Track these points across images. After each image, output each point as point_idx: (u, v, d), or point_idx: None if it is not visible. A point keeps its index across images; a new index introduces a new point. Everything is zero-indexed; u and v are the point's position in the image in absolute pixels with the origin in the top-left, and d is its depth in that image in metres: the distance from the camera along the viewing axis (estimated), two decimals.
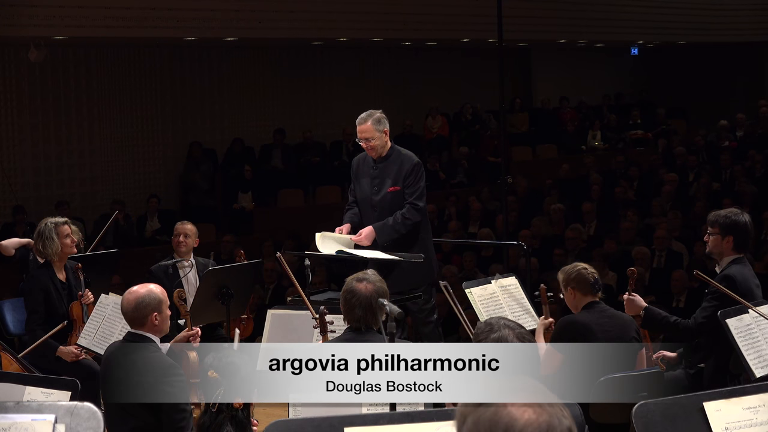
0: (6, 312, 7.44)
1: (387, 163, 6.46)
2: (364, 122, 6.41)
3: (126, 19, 11.52)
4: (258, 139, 15.21)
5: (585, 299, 5.37)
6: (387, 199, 6.46)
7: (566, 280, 5.39)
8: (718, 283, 5.39)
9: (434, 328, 6.50)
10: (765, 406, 3.06)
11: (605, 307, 5.41)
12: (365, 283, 4.50)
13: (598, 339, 5.19)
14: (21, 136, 13.09)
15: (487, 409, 2.01)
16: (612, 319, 5.34)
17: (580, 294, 5.36)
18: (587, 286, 5.35)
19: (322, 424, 2.89)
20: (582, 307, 5.37)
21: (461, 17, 14.39)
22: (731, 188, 13.23)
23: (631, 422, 2.98)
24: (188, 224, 7.38)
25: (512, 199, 13.05)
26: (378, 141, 6.39)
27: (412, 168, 6.40)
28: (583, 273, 5.36)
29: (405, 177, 6.39)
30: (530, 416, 1.98)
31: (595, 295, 5.39)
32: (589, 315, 5.31)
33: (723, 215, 5.56)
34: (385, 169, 6.47)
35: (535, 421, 1.98)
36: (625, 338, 5.29)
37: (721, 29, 18.59)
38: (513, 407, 2.00)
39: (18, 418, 2.89)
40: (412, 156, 6.49)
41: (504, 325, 3.46)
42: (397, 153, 6.48)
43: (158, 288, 4.74)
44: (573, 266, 5.47)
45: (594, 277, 5.37)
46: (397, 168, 6.43)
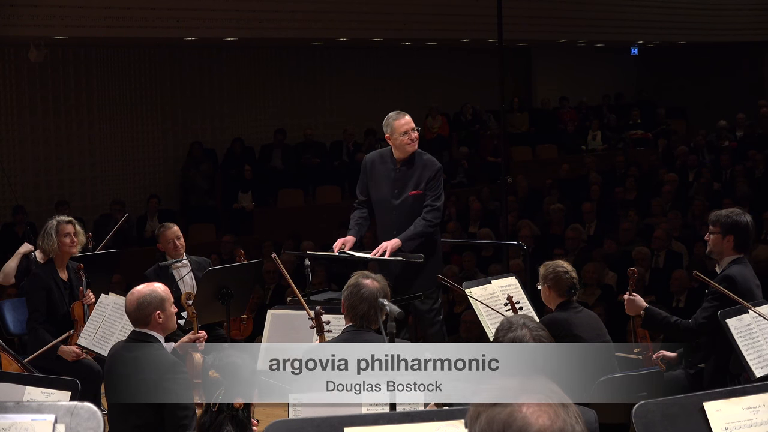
0: (6, 312, 7.44)
1: (410, 166, 6.45)
2: (405, 116, 6.47)
3: (126, 19, 11.52)
4: (258, 139, 15.21)
5: (559, 299, 5.49)
6: (408, 203, 6.44)
7: (545, 277, 5.51)
8: (719, 284, 5.40)
9: (440, 329, 6.52)
10: (765, 406, 3.06)
11: (578, 306, 5.53)
12: (372, 280, 4.60)
13: (579, 335, 5.31)
14: (21, 136, 13.09)
15: (503, 409, 1.99)
16: (584, 314, 5.50)
17: (554, 293, 5.48)
18: (563, 289, 5.46)
19: (322, 424, 2.89)
20: (556, 306, 5.50)
21: (461, 17, 14.39)
22: (731, 188, 13.23)
23: (631, 422, 2.98)
24: (174, 226, 7.30)
25: (512, 199, 13.05)
26: (416, 141, 6.49)
27: (435, 173, 6.41)
28: (561, 275, 5.46)
29: (428, 181, 6.40)
30: (544, 422, 1.97)
31: (569, 298, 5.48)
32: (566, 313, 5.44)
33: (724, 215, 5.56)
34: (407, 173, 6.45)
35: (549, 428, 1.96)
36: (599, 329, 5.44)
37: (721, 29, 18.59)
38: (529, 410, 1.98)
39: (18, 418, 2.89)
40: (434, 161, 6.51)
41: (523, 324, 3.48)
42: (419, 157, 6.49)
43: (161, 286, 4.75)
44: (555, 265, 5.54)
45: (572, 281, 5.46)
46: (420, 172, 6.43)
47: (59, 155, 13.43)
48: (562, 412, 2.00)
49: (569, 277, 5.44)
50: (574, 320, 5.39)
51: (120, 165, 13.99)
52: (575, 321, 5.39)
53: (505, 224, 9.61)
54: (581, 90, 19.47)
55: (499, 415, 1.99)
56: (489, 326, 5.61)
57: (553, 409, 1.99)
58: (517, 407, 1.98)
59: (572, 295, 5.48)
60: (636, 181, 14.24)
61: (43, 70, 12.92)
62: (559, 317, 5.44)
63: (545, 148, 17.57)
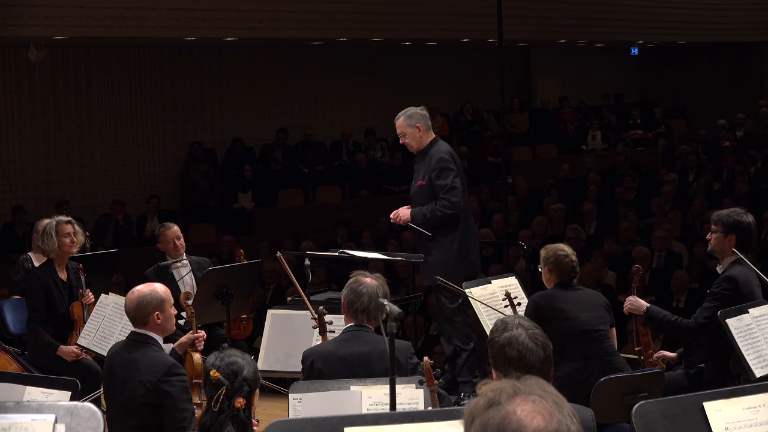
0: (6, 312, 7.43)
1: (423, 157, 6.59)
2: (397, 119, 6.61)
3: (126, 19, 11.52)
4: (258, 139, 15.21)
5: (558, 281, 5.58)
6: (417, 193, 6.62)
7: (545, 259, 5.60)
8: (720, 284, 5.43)
9: (451, 327, 6.52)
10: (765, 406, 3.06)
11: (575, 285, 5.62)
12: (371, 278, 4.66)
13: (565, 309, 5.41)
14: (21, 136, 13.09)
15: (497, 412, 1.98)
16: (581, 292, 5.58)
17: (554, 276, 5.57)
18: (563, 272, 5.55)
19: (322, 424, 2.89)
20: (554, 284, 5.60)
21: (461, 17, 14.38)
22: (731, 188, 13.22)
23: (631, 422, 2.98)
24: (174, 226, 7.30)
25: (512, 199, 13.05)
26: (410, 137, 6.56)
27: (434, 163, 6.49)
28: (561, 258, 5.55)
29: (430, 171, 6.48)
30: (539, 423, 1.96)
31: (569, 281, 5.58)
32: (560, 290, 5.54)
33: (726, 214, 5.58)
34: (421, 163, 6.61)
35: (544, 429, 1.95)
36: (594, 306, 5.50)
37: (721, 29, 18.59)
38: (523, 412, 1.97)
39: (18, 418, 2.89)
40: (440, 150, 6.56)
41: (518, 324, 3.48)
42: (432, 147, 6.58)
43: (162, 287, 4.74)
44: (555, 248, 5.63)
45: (572, 265, 5.56)
46: (428, 163, 6.54)
47: (59, 155, 13.42)
48: (557, 413, 1.99)
49: (569, 260, 5.54)
50: (561, 296, 5.48)
51: (120, 165, 13.99)
52: (564, 297, 5.48)
53: (505, 224, 9.61)
54: (581, 90, 19.47)
55: (494, 418, 1.98)
56: (489, 326, 5.61)
57: (547, 409, 1.98)
58: (511, 410, 1.98)
59: (572, 279, 5.57)
60: (636, 181, 14.24)
61: (43, 70, 12.92)
62: (547, 292, 5.56)
63: (545, 148, 17.57)
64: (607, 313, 5.55)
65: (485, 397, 2.02)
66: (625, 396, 4.94)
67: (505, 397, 2.00)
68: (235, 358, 3.71)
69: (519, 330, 3.45)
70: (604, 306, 5.58)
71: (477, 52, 17.15)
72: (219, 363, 3.68)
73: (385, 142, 16.03)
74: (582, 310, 5.46)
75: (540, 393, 2.01)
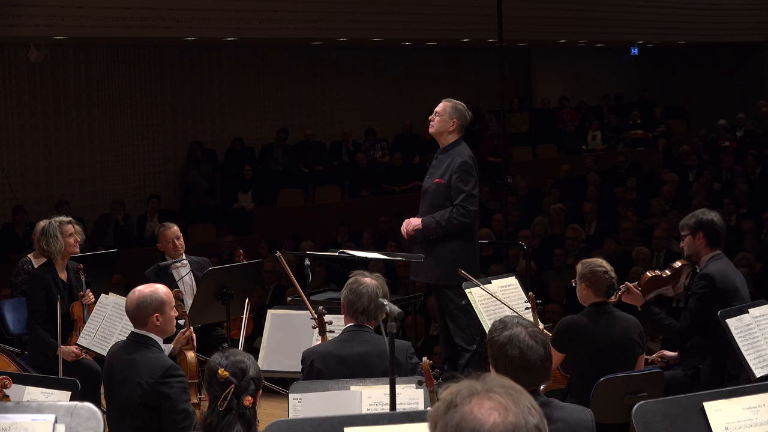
0: (6, 312, 7.44)
1: (445, 155, 6.53)
2: (445, 100, 6.59)
3: (126, 19, 11.51)
4: (258, 139, 15.21)
5: (594, 299, 5.31)
6: (431, 189, 6.53)
7: (582, 275, 5.32)
8: (697, 283, 5.53)
9: (456, 326, 6.49)
10: (765, 406, 3.06)
11: (612, 309, 5.34)
12: (371, 278, 4.68)
13: (597, 341, 5.17)
14: (21, 136, 13.09)
15: (455, 414, 2.01)
16: (615, 320, 5.28)
17: (591, 292, 5.29)
18: (600, 288, 5.29)
19: (322, 424, 2.89)
20: (589, 304, 5.33)
21: (461, 17, 14.38)
22: (731, 188, 13.22)
23: (631, 422, 2.98)
24: (174, 226, 7.29)
25: (512, 199, 13.04)
26: (441, 123, 6.52)
27: (458, 165, 6.42)
28: (599, 275, 5.27)
29: (452, 173, 6.43)
30: (495, 419, 1.98)
31: (606, 298, 5.32)
32: (591, 315, 5.27)
33: (688, 217, 5.73)
34: (441, 160, 6.55)
35: (501, 424, 1.98)
36: (626, 339, 5.24)
37: (721, 29, 18.58)
38: (479, 411, 1.99)
39: (18, 418, 2.89)
40: (463, 153, 6.50)
41: (517, 323, 3.48)
42: (454, 147, 6.53)
43: (163, 289, 4.73)
44: (592, 264, 5.36)
45: (611, 281, 5.29)
46: (449, 162, 6.47)
47: (59, 155, 13.42)
48: (513, 406, 2.01)
49: (608, 277, 5.27)
50: (593, 331, 5.19)
51: (120, 165, 13.99)
52: (596, 326, 5.21)
53: (505, 224, 9.60)
54: (581, 90, 19.46)
55: (452, 421, 2.01)
56: (489, 326, 5.60)
57: (502, 405, 2.00)
58: (468, 410, 2.00)
59: (610, 296, 5.31)
60: (636, 181, 14.23)
61: (43, 70, 12.92)
62: (577, 323, 5.26)
63: (545, 148, 17.56)
64: (639, 346, 5.29)
65: (444, 401, 2.05)
66: (624, 396, 4.94)
67: (461, 398, 2.03)
68: (240, 356, 3.72)
69: (519, 328, 3.45)
70: (638, 334, 5.29)
71: (477, 52, 17.15)
72: (226, 362, 3.68)
73: (385, 142, 16.03)
74: (613, 348, 5.19)
75: (498, 390, 2.03)
